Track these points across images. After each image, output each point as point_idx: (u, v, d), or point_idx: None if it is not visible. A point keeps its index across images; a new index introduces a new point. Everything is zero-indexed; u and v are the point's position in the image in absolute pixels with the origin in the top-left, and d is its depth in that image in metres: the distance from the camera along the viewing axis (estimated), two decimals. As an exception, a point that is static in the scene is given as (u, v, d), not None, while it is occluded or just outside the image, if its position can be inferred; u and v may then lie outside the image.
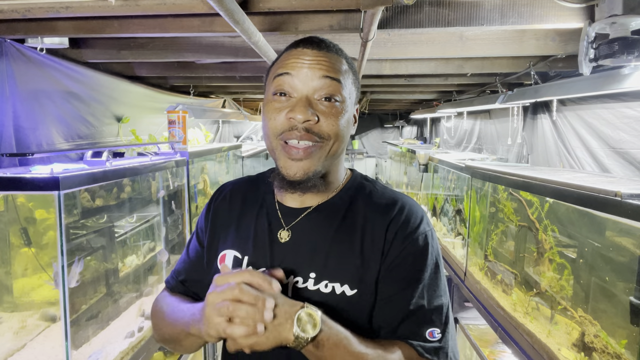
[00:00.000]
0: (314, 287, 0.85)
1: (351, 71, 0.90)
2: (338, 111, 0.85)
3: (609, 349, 1.47)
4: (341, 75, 0.86)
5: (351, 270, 0.85)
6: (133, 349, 1.77)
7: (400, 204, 0.90)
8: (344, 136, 0.87)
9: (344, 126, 0.86)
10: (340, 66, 0.87)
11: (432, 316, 0.84)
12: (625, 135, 2.32)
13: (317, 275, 0.85)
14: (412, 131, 8.93)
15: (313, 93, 0.84)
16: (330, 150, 0.86)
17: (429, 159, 4.10)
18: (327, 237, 0.88)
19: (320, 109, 0.84)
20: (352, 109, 0.90)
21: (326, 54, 0.86)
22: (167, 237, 2.32)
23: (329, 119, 0.84)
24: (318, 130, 0.83)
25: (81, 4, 1.59)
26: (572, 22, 1.66)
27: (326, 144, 0.85)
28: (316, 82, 0.84)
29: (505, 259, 2.37)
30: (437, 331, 0.83)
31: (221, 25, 1.85)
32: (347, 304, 0.84)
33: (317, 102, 0.84)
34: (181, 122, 2.50)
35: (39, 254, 1.65)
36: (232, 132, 6.13)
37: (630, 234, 1.41)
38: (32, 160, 1.89)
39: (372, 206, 0.90)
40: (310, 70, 0.84)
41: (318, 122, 0.83)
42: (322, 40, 0.88)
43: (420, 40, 2.27)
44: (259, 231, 0.92)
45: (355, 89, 0.91)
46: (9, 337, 1.57)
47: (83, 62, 2.49)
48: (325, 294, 0.84)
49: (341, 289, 0.84)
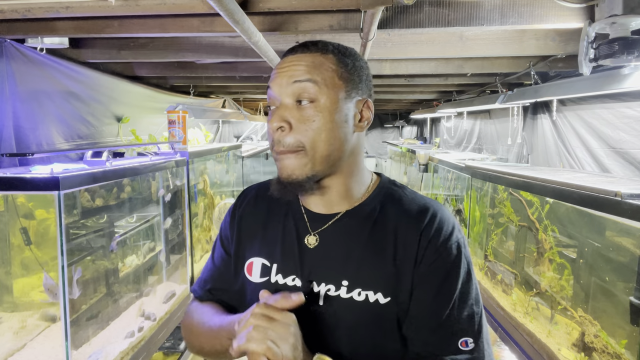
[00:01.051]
0: (346, 295, 0.83)
1: (341, 64, 0.84)
2: (311, 114, 0.81)
3: (609, 349, 1.47)
4: (316, 72, 0.81)
5: (384, 278, 0.82)
6: (133, 349, 1.77)
7: (432, 211, 0.86)
8: (325, 140, 0.81)
9: (321, 129, 0.81)
10: (319, 62, 0.82)
11: (464, 326, 0.81)
12: (625, 135, 2.32)
13: (350, 283, 0.83)
14: (412, 131, 8.93)
15: (288, 99, 0.82)
16: (313, 154, 0.81)
17: (429, 159, 4.10)
18: (359, 244, 0.85)
19: (293, 115, 0.81)
20: (344, 105, 0.83)
21: (301, 55, 0.83)
22: (167, 237, 2.32)
23: (301, 125, 0.81)
24: (291, 137, 0.81)
25: (81, 4, 1.59)
26: (572, 22, 1.66)
27: (304, 149, 0.81)
28: (286, 88, 0.82)
29: (505, 259, 2.37)
30: (470, 340, 0.80)
31: (221, 25, 1.85)
32: (381, 313, 0.82)
33: (292, 107, 0.82)
34: (181, 122, 2.50)
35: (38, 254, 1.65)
36: (232, 132, 6.13)
37: (630, 234, 1.41)
38: (32, 160, 1.89)
39: (403, 213, 0.87)
40: (282, 78, 0.82)
41: (292, 129, 0.81)
42: (305, 44, 0.85)
43: (420, 40, 2.27)
44: (286, 237, 0.90)
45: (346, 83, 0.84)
46: (9, 337, 1.57)
47: (83, 62, 2.49)
48: (359, 302, 0.82)
49: (375, 297, 0.82)
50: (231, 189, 3.63)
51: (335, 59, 0.84)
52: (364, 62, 0.90)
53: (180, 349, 2.48)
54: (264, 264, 0.90)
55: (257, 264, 0.91)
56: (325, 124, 0.81)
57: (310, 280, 0.86)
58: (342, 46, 0.88)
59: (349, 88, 0.84)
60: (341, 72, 0.84)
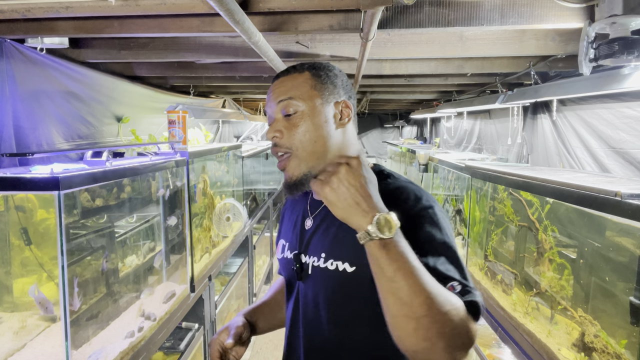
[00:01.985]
0: (323, 264, 1.01)
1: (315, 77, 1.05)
2: (295, 122, 1.02)
3: (609, 349, 1.47)
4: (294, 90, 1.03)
5: (351, 250, 0.95)
6: (133, 349, 1.77)
7: (400, 188, 1.00)
8: (310, 140, 1.02)
9: (305, 132, 1.02)
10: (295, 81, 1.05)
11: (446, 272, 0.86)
12: (625, 135, 2.32)
13: (326, 255, 1.02)
14: (412, 131, 8.93)
15: (276, 115, 1.05)
16: (304, 154, 1.02)
17: (429, 159, 4.10)
18: (336, 223, 1.00)
19: (284, 125, 1.03)
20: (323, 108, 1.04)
21: (283, 79, 1.07)
22: (167, 237, 2.32)
23: (289, 131, 1.02)
24: (282, 143, 1.03)
25: (81, 4, 1.59)
26: (572, 22, 1.66)
27: (295, 151, 1.02)
28: (274, 107, 1.05)
29: (505, 259, 2.37)
30: (456, 283, 0.86)
31: (221, 25, 1.85)
32: (348, 280, 0.97)
33: (282, 120, 1.04)
34: (181, 122, 2.50)
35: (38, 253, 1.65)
36: (232, 132, 6.13)
37: (630, 234, 1.41)
38: (32, 160, 1.89)
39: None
40: (271, 100, 1.06)
41: (282, 136, 1.03)
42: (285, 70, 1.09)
43: (420, 40, 2.28)
44: (296, 222, 1.14)
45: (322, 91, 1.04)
46: (9, 337, 1.57)
47: (83, 62, 2.49)
48: (331, 271, 1.00)
49: (343, 266, 0.98)
50: (231, 189, 3.63)
51: (309, 74, 1.06)
52: (337, 71, 1.10)
53: (180, 348, 2.48)
54: (283, 244, 1.17)
55: (281, 244, 1.18)
56: (307, 127, 1.02)
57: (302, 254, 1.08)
58: (316, 63, 1.10)
59: (325, 94, 1.05)
60: (315, 84, 1.05)
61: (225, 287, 3.53)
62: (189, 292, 2.45)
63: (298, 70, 1.07)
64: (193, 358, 2.59)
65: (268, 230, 5.61)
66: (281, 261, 1.16)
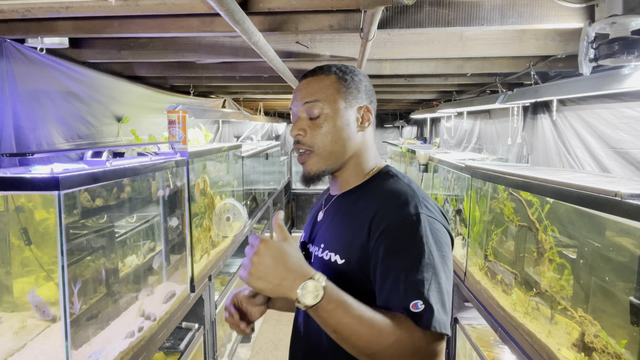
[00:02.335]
0: (321, 255, 1.09)
1: (341, 81, 1.10)
2: (319, 123, 1.08)
3: (609, 349, 1.47)
4: (320, 92, 1.09)
5: (344, 245, 1.05)
6: (133, 349, 1.77)
7: (395, 190, 1.05)
8: (331, 141, 1.09)
9: (327, 133, 1.08)
10: (320, 85, 1.10)
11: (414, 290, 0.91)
12: (625, 135, 2.32)
13: (324, 246, 1.09)
14: (412, 131, 8.93)
15: (302, 114, 1.11)
16: (324, 153, 1.09)
17: (429, 159, 4.10)
18: (337, 218, 1.11)
19: (308, 124, 1.10)
20: (345, 113, 1.10)
21: (310, 80, 1.12)
22: (167, 237, 2.32)
23: (312, 131, 1.09)
24: (305, 141, 1.10)
25: (81, 4, 1.59)
26: (572, 22, 1.66)
27: (316, 150, 1.09)
28: (301, 107, 1.10)
29: (505, 259, 2.37)
30: (420, 303, 0.90)
31: (221, 25, 1.85)
32: (338, 271, 1.03)
33: (306, 120, 1.10)
34: (181, 122, 2.50)
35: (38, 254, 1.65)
36: (232, 132, 6.13)
37: (630, 234, 1.41)
38: (32, 160, 1.89)
39: (375, 194, 1.07)
40: (296, 100, 1.12)
41: (306, 135, 1.09)
42: (313, 70, 1.13)
43: (420, 40, 2.27)
44: (314, 215, 1.23)
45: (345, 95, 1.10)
46: (9, 337, 1.57)
47: (83, 62, 2.49)
48: (326, 260, 1.07)
49: (335, 257, 1.05)
50: (231, 189, 3.63)
51: (335, 78, 1.10)
52: (362, 76, 1.15)
53: (180, 348, 2.48)
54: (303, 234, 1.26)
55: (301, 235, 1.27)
56: (330, 129, 1.08)
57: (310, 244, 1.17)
58: (343, 66, 1.14)
59: (349, 99, 1.10)
60: (340, 87, 1.10)
61: (225, 287, 3.53)
62: (189, 292, 2.45)
63: (325, 72, 1.12)
64: (193, 358, 2.59)
65: (268, 230, 5.60)
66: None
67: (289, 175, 8.53)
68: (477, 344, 2.59)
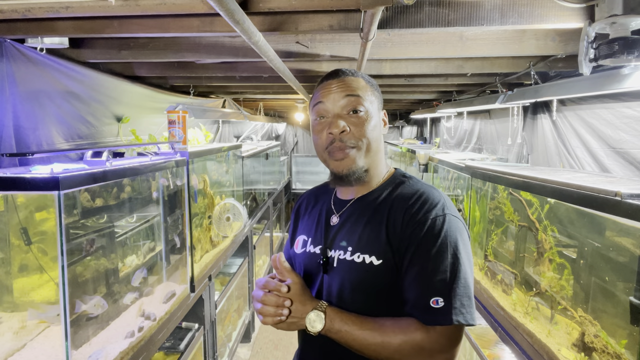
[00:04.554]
0: (350, 258, 1.10)
1: (369, 85, 1.14)
2: (363, 119, 1.10)
3: (609, 349, 1.47)
4: (360, 90, 1.11)
5: (378, 245, 1.07)
6: (133, 348, 1.77)
7: (420, 192, 1.09)
8: (374, 137, 1.11)
9: (371, 129, 1.10)
10: (359, 84, 1.12)
11: (436, 287, 0.99)
12: (625, 135, 2.32)
13: (353, 249, 1.10)
14: (412, 131, 8.93)
15: (341, 110, 1.10)
16: (365, 149, 1.10)
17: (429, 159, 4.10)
18: (363, 221, 1.12)
19: (350, 121, 1.10)
20: (377, 114, 1.14)
21: (345, 78, 1.12)
22: (166, 236, 2.32)
23: (357, 127, 1.09)
24: (351, 137, 1.09)
25: (81, 4, 1.59)
26: (572, 22, 1.66)
27: (360, 145, 1.09)
28: (341, 101, 1.10)
29: (505, 259, 2.37)
30: (440, 300, 0.98)
31: (221, 25, 1.85)
32: (375, 271, 1.06)
33: (346, 116, 1.10)
34: (181, 122, 2.50)
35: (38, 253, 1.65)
36: (232, 132, 6.13)
37: (630, 234, 1.41)
38: (32, 160, 1.89)
39: (399, 196, 1.11)
40: (335, 94, 1.11)
41: (350, 131, 1.09)
42: (342, 70, 1.15)
43: (420, 40, 2.27)
44: (320, 219, 1.22)
45: (375, 98, 1.15)
46: (9, 337, 1.57)
47: (83, 62, 2.49)
48: (358, 263, 1.08)
49: (370, 259, 1.07)
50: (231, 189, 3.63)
51: (364, 81, 1.15)
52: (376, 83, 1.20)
53: (180, 348, 2.48)
54: (304, 239, 1.23)
55: (301, 239, 1.25)
56: (373, 126, 1.11)
57: (328, 248, 1.15)
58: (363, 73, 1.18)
59: (378, 102, 1.16)
60: (372, 90, 1.15)
61: (225, 287, 3.52)
62: (189, 292, 2.45)
63: (353, 74, 1.14)
64: (193, 358, 2.59)
65: (268, 230, 5.60)
66: (302, 255, 1.22)
67: (289, 175, 8.53)
68: (477, 344, 2.59)
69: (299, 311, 1.05)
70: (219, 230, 3.03)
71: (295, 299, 1.06)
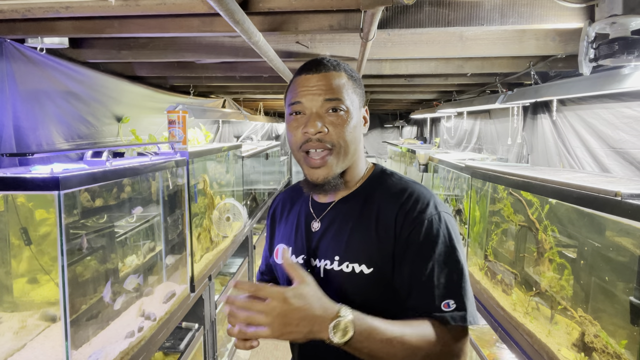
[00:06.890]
0: (338, 267, 1.01)
1: (351, 80, 1.05)
2: (343, 119, 1.01)
3: (609, 349, 1.47)
4: (342, 89, 1.02)
5: (368, 252, 0.99)
6: (133, 349, 1.77)
7: (409, 191, 1.02)
8: (353, 139, 1.03)
9: (351, 131, 1.02)
10: (340, 80, 1.03)
11: (445, 289, 0.93)
12: (625, 135, 2.32)
13: (340, 258, 1.01)
14: (412, 131, 8.93)
15: (320, 109, 1.01)
16: (343, 153, 1.02)
17: (428, 158, 4.10)
18: (348, 225, 1.03)
19: (328, 120, 1.01)
20: (358, 112, 1.05)
21: (325, 75, 1.02)
22: (166, 236, 2.32)
23: (336, 127, 1.00)
24: (329, 139, 1.00)
25: (81, 4, 1.59)
26: (572, 22, 1.66)
27: (337, 149, 1.01)
28: (317, 102, 1.01)
29: (505, 259, 2.37)
30: (451, 302, 0.93)
31: (221, 25, 1.85)
32: (366, 281, 0.98)
33: (325, 114, 1.01)
34: (181, 122, 2.50)
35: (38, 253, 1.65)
36: (232, 132, 6.13)
37: (630, 234, 1.41)
38: (32, 160, 1.89)
39: (386, 195, 1.03)
40: (314, 95, 1.01)
41: (328, 132, 1.00)
42: (323, 63, 1.04)
43: (420, 40, 2.27)
44: (299, 225, 1.12)
45: (357, 96, 1.06)
46: (9, 337, 1.57)
47: (83, 62, 2.49)
48: (347, 273, 0.99)
49: (359, 268, 0.99)
50: (231, 189, 3.63)
51: (346, 76, 1.04)
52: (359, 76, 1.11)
53: (180, 348, 2.48)
54: (284, 248, 1.14)
55: (281, 248, 1.15)
56: (351, 127, 1.02)
57: (312, 257, 1.06)
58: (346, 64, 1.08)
59: (359, 99, 1.07)
60: (354, 87, 1.05)
61: (225, 287, 3.53)
62: (189, 292, 2.45)
63: (335, 67, 1.04)
64: (193, 358, 2.59)
65: (268, 230, 5.59)
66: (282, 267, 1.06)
67: (289, 175, 8.54)
68: (477, 344, 2.59)
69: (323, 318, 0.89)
70: (219, 230, 3.03)
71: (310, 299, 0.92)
